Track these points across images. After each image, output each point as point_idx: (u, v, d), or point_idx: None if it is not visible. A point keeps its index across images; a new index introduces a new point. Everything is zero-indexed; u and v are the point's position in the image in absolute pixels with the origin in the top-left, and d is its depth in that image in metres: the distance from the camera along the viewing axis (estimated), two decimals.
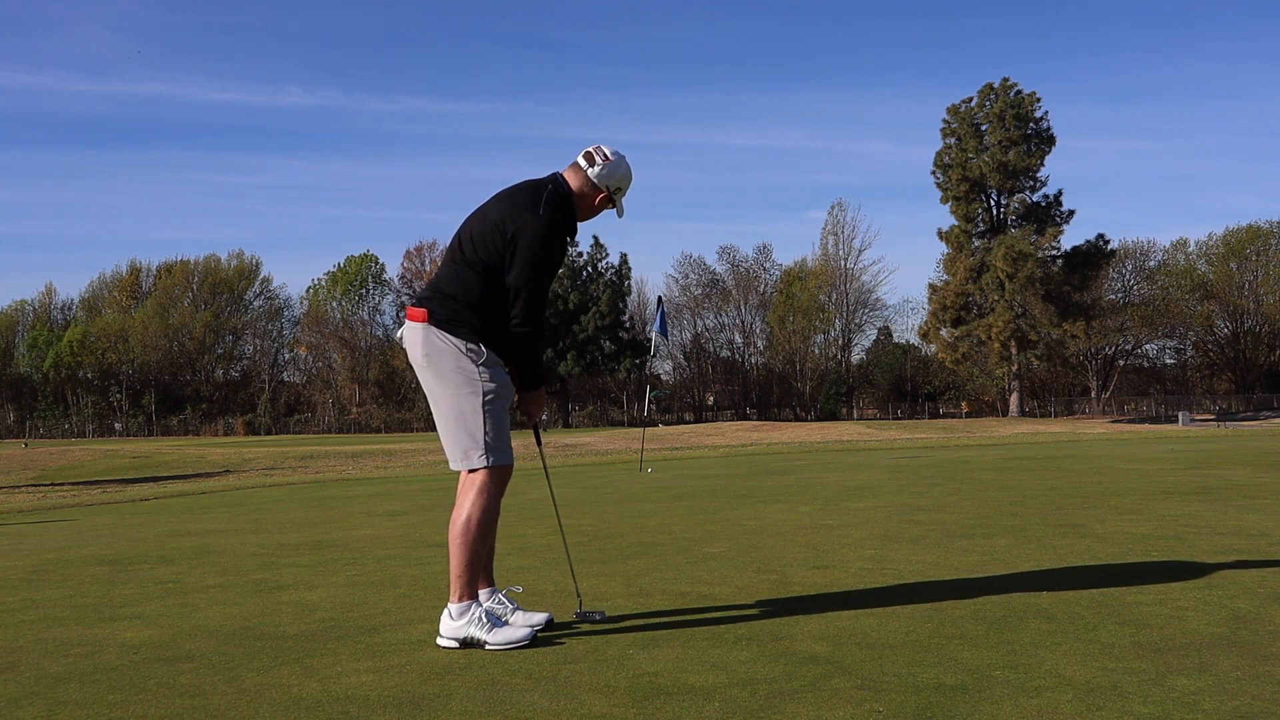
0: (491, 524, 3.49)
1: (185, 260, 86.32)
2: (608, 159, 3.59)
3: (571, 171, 3.61)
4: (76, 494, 17.69)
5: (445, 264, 3.56)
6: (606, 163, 3.58)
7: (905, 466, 12.41)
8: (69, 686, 3.04)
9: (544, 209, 3.45)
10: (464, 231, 3.55)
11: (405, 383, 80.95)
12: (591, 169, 3.58)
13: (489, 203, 3.57)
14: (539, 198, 3.47)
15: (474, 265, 3.46)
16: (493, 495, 3.48)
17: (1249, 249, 73.66)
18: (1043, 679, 2.79)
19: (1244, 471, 9.62)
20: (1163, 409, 65.87)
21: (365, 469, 22.96)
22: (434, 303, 3.47)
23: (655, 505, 8.16)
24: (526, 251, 3.41)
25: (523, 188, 3.55)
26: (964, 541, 5.36)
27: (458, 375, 3.45)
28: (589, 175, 3.58)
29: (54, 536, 7.89)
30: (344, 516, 8.48)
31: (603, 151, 3.60)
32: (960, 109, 59.55)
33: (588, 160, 3.59)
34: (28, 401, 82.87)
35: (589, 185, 3.59)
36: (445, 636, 3.40)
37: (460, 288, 3.47)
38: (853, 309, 79.99)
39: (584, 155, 3.61)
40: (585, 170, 3.58)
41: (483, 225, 3.48)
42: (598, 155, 3.59)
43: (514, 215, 3.44)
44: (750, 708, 2.62)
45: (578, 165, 3.60)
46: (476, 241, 3.47)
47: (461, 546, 3.43)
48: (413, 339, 3.50)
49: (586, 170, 3.58)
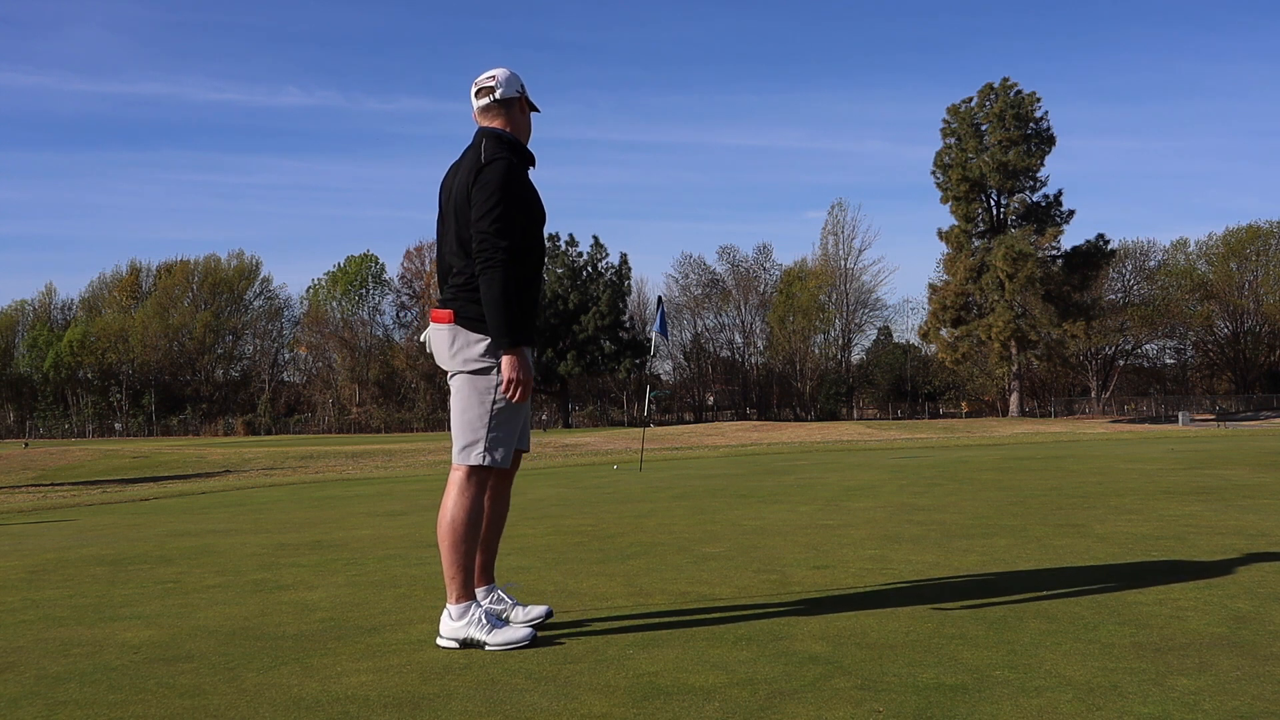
0: (476, 522, 3.43)
1: (185, 260, 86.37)
2: (494, 78, 3.57)
3: (487, 116, 3.57)
4: (76, 494, 17.69)
5: (450, 249, 3.50)
6: (496, 80, 3.57)
7: (905, 466, 12.41)
8: (69, 686, 3.04)
9: (488, 155, 3.42)
10: (446, 211, 3.52)
11: (405, 383, 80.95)
12: (496, 94, 3.55)
13: (456, 177, 3.51)
14: (480, 152, 3.45)
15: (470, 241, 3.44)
16: (475, 495, 3.44)
17: (1249, 249, 73.67)
18: (1043, 679, 2.79)
19: (1244, 471, 9.62)
20: (1163, 409, 65.86)
21: (365, 469, 22.96)
22: (458, 303, 3.44)
23: (655, 505, 8.16)
24: (484, 188, 3.36)
25: (465, 157, 3.54)
26: (964, 541, 5.36)
27: (479, 371, 3.43)
28: (499, 99, 3.55)
29: (54, 536, 7.89)
30: (344, 516, 8.48)
31: (487, 77, 3.58)
32: (960, 109, 59.55)
33: (486, 94, 3.56)
34: (28, 401, 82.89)
35: (505, 108, 3.57)
36: (445, 637, 3.39)
37: (470, 277, 3.43)
38: (853, 309, 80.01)
39: (479, 94, 3.57)
40: (493, 102, 3.55)
41: (461, 196, 3.44)
42: (487, 83, 3.57)
43: (475, 162, 3.43)
44: (750, 708, 2.62)
45: (486, 107, 3.56)
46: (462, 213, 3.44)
47: (451, 547, 3.40)
48: (440, 339, 3.48)
49: (494, 100, 3.55)
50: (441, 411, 77.40)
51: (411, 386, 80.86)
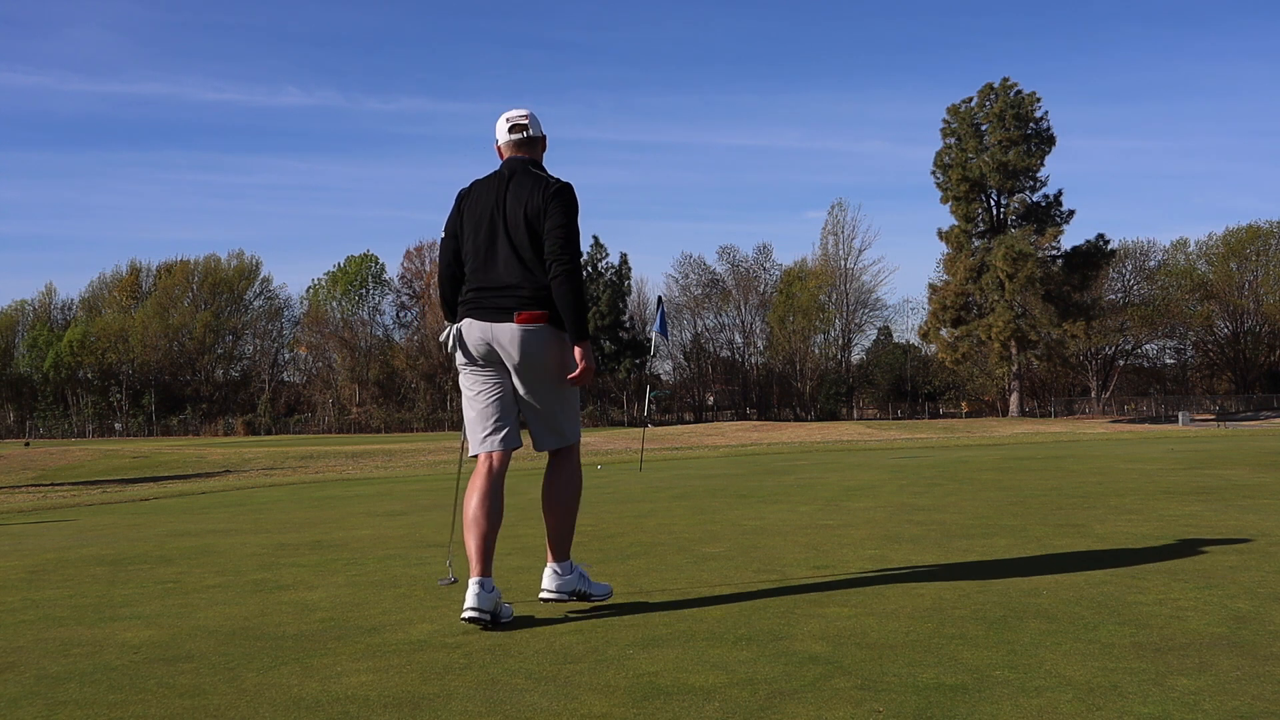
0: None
1: (185, 260, 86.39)
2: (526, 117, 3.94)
3: (521, 148, 3.92)
4: (76, 494, 17.69)
5: (510, 262, 3.74)
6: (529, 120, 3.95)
7: (905, 466, 12.41)
8: (69, 686, 3.04)
9: (555, 180, 3.82)
10: (512, 229, 3.75)
11: (405, 383, 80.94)
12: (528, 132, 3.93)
13: (510, 201, 3.78)
14: (544, 177, 3.83)
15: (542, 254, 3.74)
16: (579, 464, 3.96)
17: (1249, 249, 73.68)
18: (1043, 679, 2.79)
19: (1244, 471, 9.62)
20: (1163, 409, 65.87)
21: (365, 469, 22.96)
22: (548, 305, 3.72)
23: (655, 505, 8.16)
24: (563, 203, 3.73)
25: (513, 181, 3.82)
26: (964, 541, 5.36)
27: (563, 367, 3.79)
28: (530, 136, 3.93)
29: (54, 536, 7.89)
30: (344, 516, 8.48)
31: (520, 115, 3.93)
32: (960, 109, 59.56)
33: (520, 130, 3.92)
34: (28, 401, 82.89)
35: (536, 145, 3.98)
36: (555, 591, 3.79)
37: (543, 283, 3.72)
38: (853, 309, 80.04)
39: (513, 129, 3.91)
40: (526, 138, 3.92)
41: (530, 215, 3.72)
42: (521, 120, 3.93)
43: (545, 187, 3.75)
44: (750, 708, 2.62)
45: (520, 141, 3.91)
46: (533, 230, 3.72)
47: (570, 512, 3.84)
48: (535, 340, 3.71)
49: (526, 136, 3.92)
50: (441, 411, 77.42)
51: (411, 386, 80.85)
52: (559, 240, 3.67)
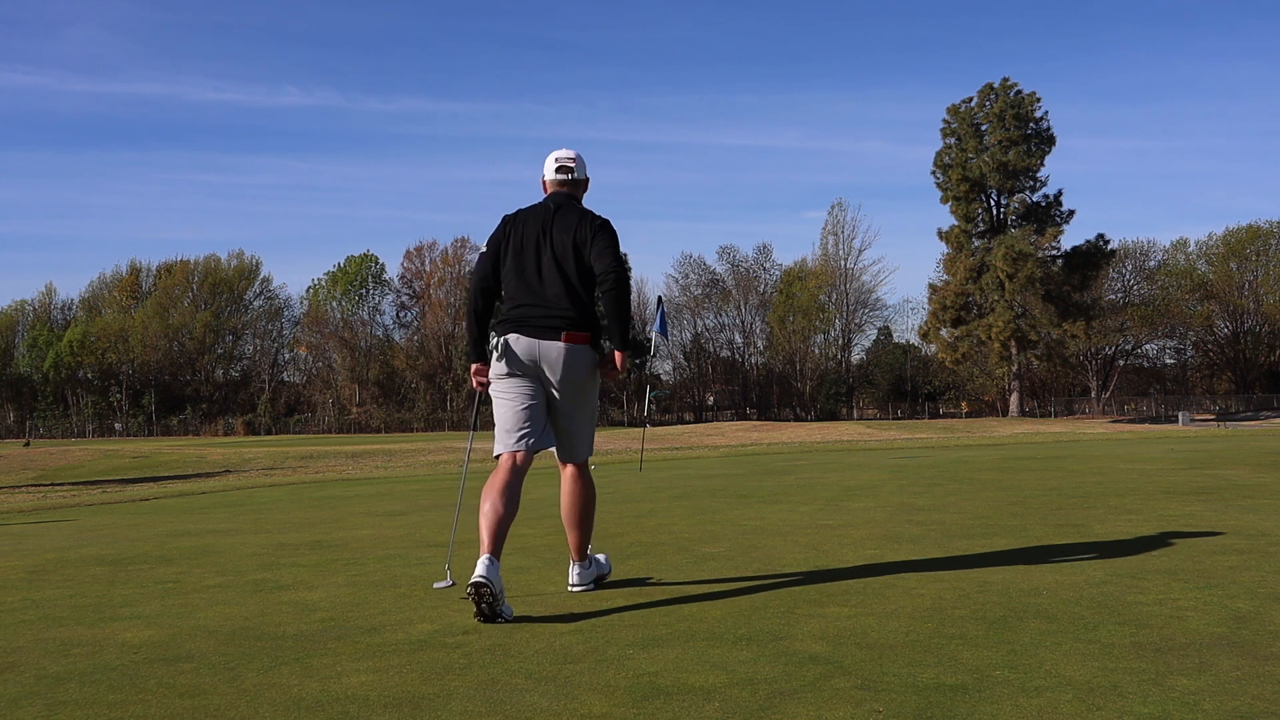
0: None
1: (185, 260, 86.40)
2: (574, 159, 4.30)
3: (565, 185, 4.27)
4: (76, 494, 17.69)
5: (561, 286, 4.07)
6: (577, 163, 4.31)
7: (905, 466, 12.41)
8: (69, 686, 3.04)
9: (598, 216, 4.17)
10: (560, 257, 4.08)
11: (405, 383, 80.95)
12: (574, 174, 4.29)
13: (556, 232, 4.11)
14: (588, 213, 4.20)
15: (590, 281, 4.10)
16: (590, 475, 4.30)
17: (1249, 249, 73.69)
18: (1043, 679, 2.79)
19: (1244, 471, 9.62)
20: (1163, 409, 65.87)
21: (365, 469, 22.96)
22: (591, 326, 4.10)
23: (655, 505, 8.16)
24: (609, 233, 4.11)
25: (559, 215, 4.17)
26: (964, 541, 5.36)
27: (597, 384, 4.23)
28: (576, 178, 4.29)
29: (54, 536, 7.89)
30: (344, 516, 8.47)
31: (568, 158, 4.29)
32: (960, 109, 59.57)
33: (567, 171, 4.27)
34: (28, 401, 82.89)
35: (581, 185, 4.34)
36: (581, 585, 4.26)
37: (592, 313, 4.10)
38: (853, 309, 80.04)
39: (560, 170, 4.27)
40: (572, 178, 4.27)
41: (578, 244, 4.08)
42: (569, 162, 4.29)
43: (590, 220, 4.13)
44: (750, 708, 2.62)
45: (565, 180, 4.27)
46: (580, 258, 4.08)
47: (587, 522, 4.22)
48: (577, 359, 4.07)
49: (572, 178, 4.28)
50: (441, 411, 77.44)
51: (411, 387, 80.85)
52: (611, 258, 4.03)
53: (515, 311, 4.10)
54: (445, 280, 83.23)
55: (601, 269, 4.03)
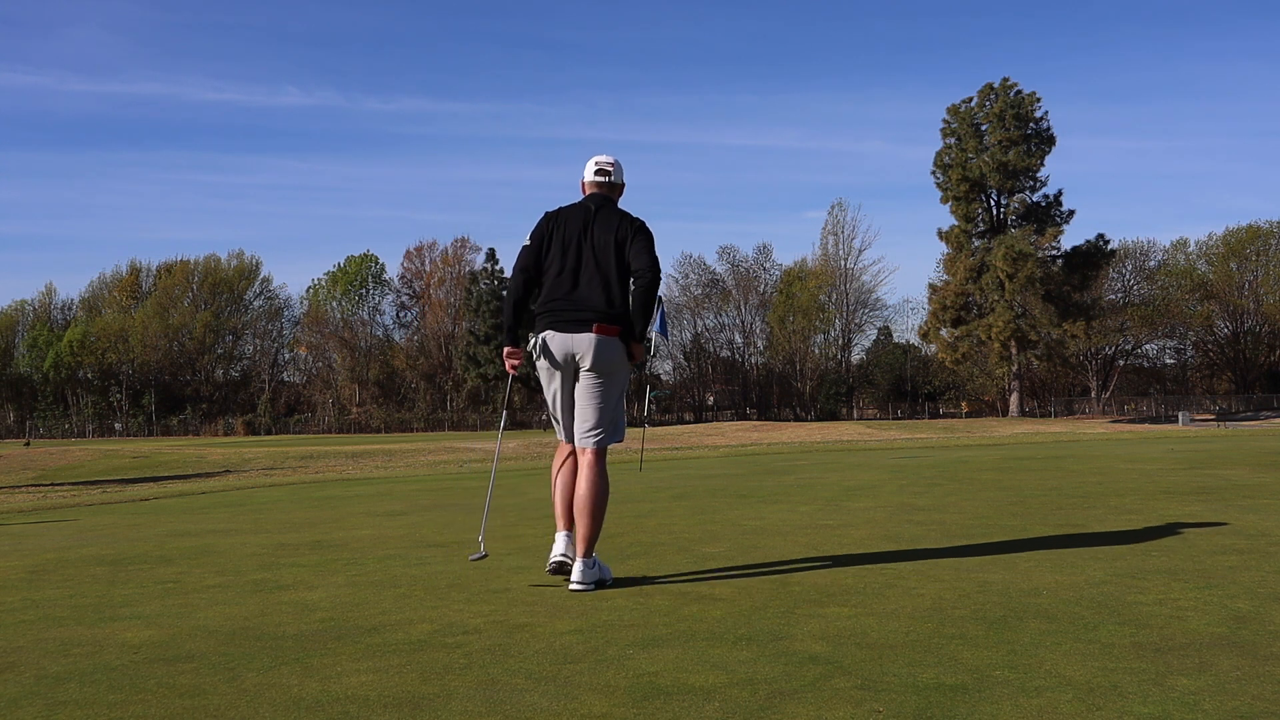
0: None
1: (185, 260, 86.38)
2: (613, 164, 4.60)
3: (603, 188, 4.56)
4: (76, 494, 17.69)
5: (598, 281, 4.33)
6: (615, 167, 4.61)
7: (905, 466, 12.41)
8: (69, 686, 3.04)
9: (636, 218, 4.44)
10: (599, 254, 4.35)
11: (405, 383, 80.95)
12: (612, 177, 4.60)
13: (597, 230, 4.38)
14: (627, 214, 4.47)
15: (626, 277, 4.37)
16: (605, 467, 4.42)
17: (1249, 249, 73.67)
18: (1043, 679, 2.79)
19: (1244, 471, 9.61)
20: (1163, 409, 65.87)
21: (365, 469, 22.96)
22: (623, 323, 4.35)
23: (655, 505, 8.15)
24: (647, 234, 4.40)
25: (600, 214, 4.45)
26: (964, 541, 5.36)
27: (624, 375, 4.43)
28: (614, 181, 4.60)
29: (54, 536, 7.89)
30: (344, 516, 8.47)
31: (608, 162, 4.58)
32: (960, 109, 59.55)
33: (605, 175, 4.57)
34: (28, 401, 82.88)
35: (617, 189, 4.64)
36: (582, 582, 4.21)
37: (627, 307, 4.36)
38: (853, 309, 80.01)
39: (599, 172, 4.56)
40: (610, 181, 4.58)
41: (619, 242, 4.36)
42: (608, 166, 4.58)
43: (630, 221, 4.42)
44: (750, 708, 2.62)
45: (604, 183, 4.56)
46: (620, 256, 4.35)
47: (597, 511, 4.27)
48: (610, 350, 4.33)
49: (610, 180, 4.58)
50: (441, 411, 77.45)
51: (411, 386, 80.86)
52: (648, 258, 4.33)
53: (551, 305, 4.38)
54: (445, 280, 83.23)
55: (638, 266, 4.32)
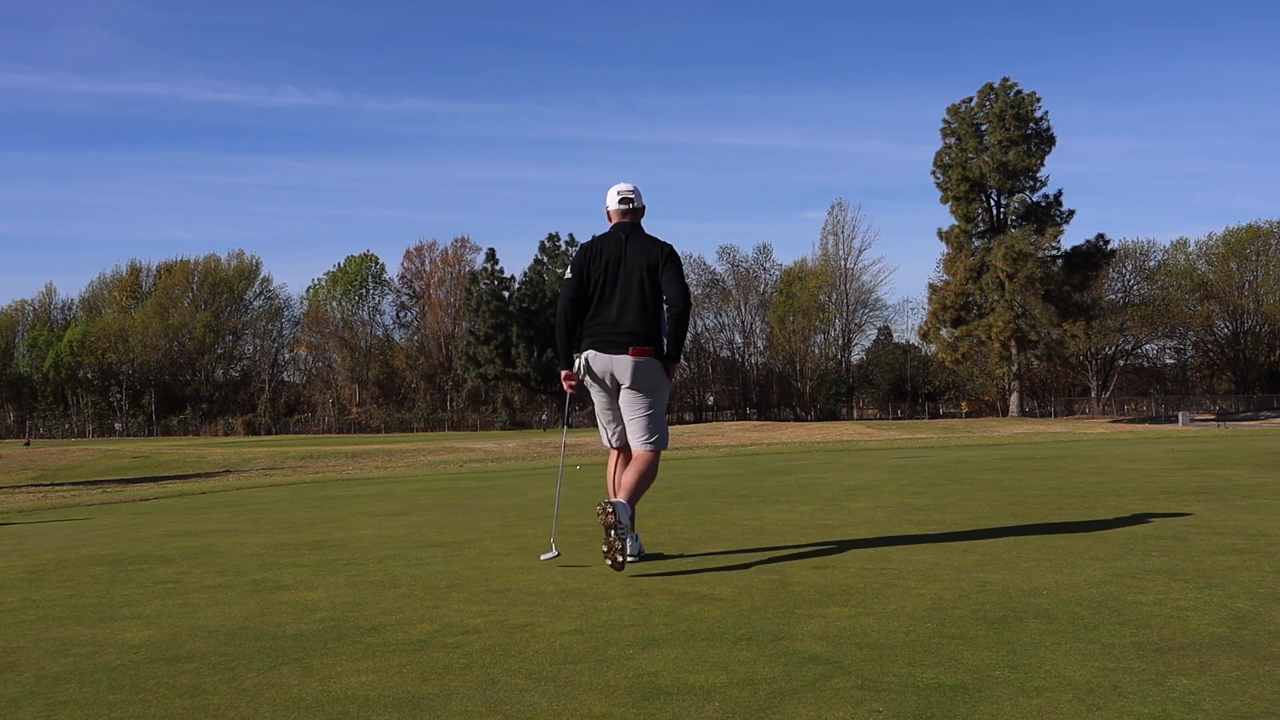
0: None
1: (185, 260, 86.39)
2: (634, 192, 5.05)
3: (629, 215, 5.02)
4: (76, 494, 17.69)
5: (634, 304, 4.80)
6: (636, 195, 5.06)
7: (905, 466, 12.40)
8: (69, 686, 3.04)
9: (666, 243, 4.91)
10: (637, 278, 4.81)
11: (405, 383, 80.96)
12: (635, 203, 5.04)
13: (630, 255, 4.85)
14: (657, 240, 4.93)
15: (659, 299, 4.84)
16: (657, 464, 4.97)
17: (1249, 249, 73.65)
18: (1043, 679, 2.79)
19: (1244, 471, 9.61)
20: (1163, 409, 65.86)
21: (365, 469, 22.96)
22: (656, 342, 4.84)
23: (655, 505, 8.15)
24: (677, 261, 4.91)
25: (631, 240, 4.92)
26: (964, 541, 5.36)
27: (665, 389, 4.95)
28: (637, 207, 5.05)
29: (54, 536, 7.89)
30: (344, 516, 8.47)
31: (630, 190, 5.03)
32: (960, 109, 59.53)
33: (628, 203, 5.02)
34: (28, 401, 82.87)
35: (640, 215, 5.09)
36: (633, 556, 4.86)
37: (660, 325, 4.84)
38: (853, 309, 80.00)
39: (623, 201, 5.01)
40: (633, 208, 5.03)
41: (650, 267, 4.82)
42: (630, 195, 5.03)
43: (660, 246, 4.90)
44: (750, 708, 2.62)
45: (630, 210, 5.01)
46: (652, 279, 4.82)
47: (639, 492, 4.78)
48: (647, 368, 4.83)
49: (633, 207, 5.03)
50: (441, 411, 77.46)
51: (411, 386, 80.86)
52: (679, 287, 4.82)
53: (593, 328, 4.91)
54: (445, 280, 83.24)
55: (671, 295, 4.82)
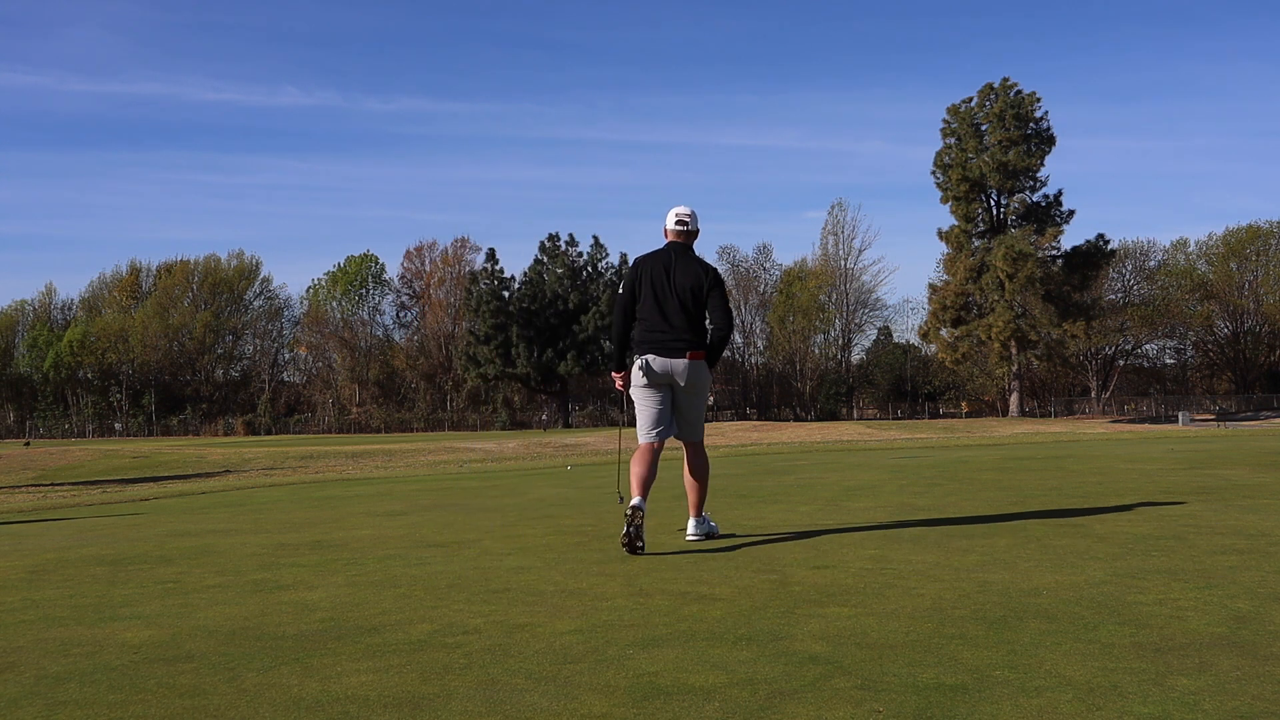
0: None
1: (185, 260, 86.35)
2: (691, 215, 5.60)
3: (684, 237, 5.57)
4: (76, 494, 17.68)
5: (677, 314, 5.36)
6: (693, 219, 5.62)
7: (905, 466, 12.40)
8: (69, 686, 3.04)
9: (713, 267, 5.50)
10: (681, 295, 5.36)
11: (405, 383, 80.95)
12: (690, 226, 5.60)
13: (678, 274, 5.39)
14: (706, 263, 5.50)
15: (703, 313, 5.44)
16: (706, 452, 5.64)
17: (1249, 249, 73.63)
18: (1043, 679, 2.79)
19: (1244, 471, 9.61)
20: (1163, 409, 65.85)
21: (365, 469, 22.96)
22: (704, 348, 5.43)
23: (655, 505, 8.14)
24: (723, 287, 5.53)
25: (680, 260, 5.46)
26: (964, 541, 5.36)
27: (710, 387, 5.57)
28: (692, 230, 5.61)
29: (54, 536, 7.89)
30: (344, 516, 8.47)
31: (687, 214, 5.58)
32: (960, 109, 59.53)
33: (684, 225, 5.56)
34: (28, 401, 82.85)
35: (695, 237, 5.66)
36: (695, 534, 5.58)
37: (705, 336, 5.45)
38: (853, 309, 79.97)
39: (679, 222, 5.55)
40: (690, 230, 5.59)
41: (698, 289, 5.37)
42: (686, 218, 5.57)
43: (710, 273, 5.46)
44: (750, 708, 2.62)
45: (686, 232, 5.57)
46: (698, 299, 5.39)
47: (704, 484, 5.54)
48: (697, 371, 5.41)
49: (689, 230, 5.59)
50: (441, 411, 77.47)
51: (411, 387, 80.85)
52: (724, 315, 5.44)
53: (650, 335, 5.39)
54: (445, 280, 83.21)
55: (716, 321, 5.46)
